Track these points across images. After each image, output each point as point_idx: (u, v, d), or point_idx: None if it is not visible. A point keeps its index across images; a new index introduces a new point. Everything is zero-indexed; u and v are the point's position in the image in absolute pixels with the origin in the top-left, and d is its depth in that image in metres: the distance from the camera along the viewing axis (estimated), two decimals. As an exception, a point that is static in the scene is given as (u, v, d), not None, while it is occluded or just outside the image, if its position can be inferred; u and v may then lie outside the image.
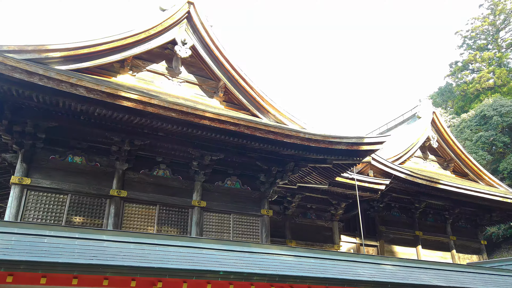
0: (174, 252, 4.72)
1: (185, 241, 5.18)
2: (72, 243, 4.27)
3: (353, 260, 6.20)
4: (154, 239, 4.98)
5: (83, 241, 4.36)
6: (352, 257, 6.47)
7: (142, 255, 4.38)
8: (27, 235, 4.11)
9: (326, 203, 14.40)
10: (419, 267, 6.72)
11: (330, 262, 5.78)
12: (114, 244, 4.53)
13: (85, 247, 4.21)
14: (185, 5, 10.81)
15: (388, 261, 6.66)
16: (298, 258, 5.53)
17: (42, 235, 4.23)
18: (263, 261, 5.10)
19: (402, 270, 6.27)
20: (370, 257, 6.58)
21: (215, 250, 5.07)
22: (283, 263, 5.22)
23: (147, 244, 4.78)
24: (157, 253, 4.59)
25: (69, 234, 4.43)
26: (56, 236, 4.28)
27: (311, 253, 5.88)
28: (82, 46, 9.09)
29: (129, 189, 9.54)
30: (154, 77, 10.63)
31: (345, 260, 6.07)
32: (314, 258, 5.72)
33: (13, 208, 8.27)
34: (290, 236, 13.64)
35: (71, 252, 3.99)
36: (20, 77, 7.18)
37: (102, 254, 4.13)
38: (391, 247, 15.62)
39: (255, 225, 10.84)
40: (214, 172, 10.53)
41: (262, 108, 11.19)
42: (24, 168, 8.64)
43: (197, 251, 4.92)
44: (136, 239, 4.81)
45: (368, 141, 10.63)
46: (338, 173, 11.66)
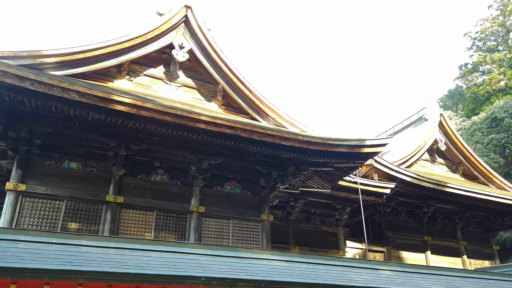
0: (155, 257, 4.55)
1: (167, 245, 5.01)
2: (48, 248, 4.14)
3: (348, 265, 5.95)
4: (134, 243, 4.82)
5: (60, 246, 4.23)
6: (348, 262, 6.22)
7: (120, 260, 4.23)
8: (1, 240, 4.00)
9: (331, 208, 14.11)
10: (419, 272, 6.43)
11: (323, 267, 5.54)
12: (92, 249, 4.38)
13: (61, 253, 4.07)
14: (183, 9, 10.76)
15: (386, 266, 6.39)
16: (289, 264, 5.31)
17: (17, 240, 4.11)
18: (250, 266, 4.90)
19: (400, 275, 5.99)
20: (367, 262, 6.32)
21: (198, 255, 4.88)
22: (272, 269, 5.00)
23: (127, 249, 4.63)
24: (137, 258, 4.43)
25: (46, 240, 4.30)
26: (32, 241, 4.16)
27: (302, 258, 5.65)
28: (77, 51, 9.06)
29: (126, 194, 9.43)
30: (151, 81, 10.57)
31: (340, 265, 5.83)
32: (306, 263, 5.49)
33: (7, 215, 8.21)
34: (293, 242, 13.37)
35: (45, 258, 3.85)
36: (11, 82, 7.14)
37: (78, 259, 3.99)
38: (399, 252, 15.21)
39: (255, 230, 10.62)
40: (213, 176, 10.37)
41: (262, 111, 11.03)
42: (20, 174, 8.59)
43: (179, 256, 4.75)
44: (116, 244, 4.67)
45: (370, 143, 10.37)
46: (340, 176, 11.40)
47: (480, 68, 35.14)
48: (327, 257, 6.08)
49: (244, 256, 5.23)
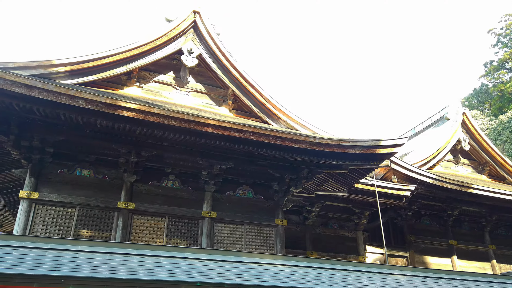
0: (151, 263, 4.45)
1: (163, 250, 4.89)
2: (42, 254, 4.11)
3: (357, 270, 5.67)
4: (131, 248, 4.73)
5: (54, 252, 4.19)
6: (356, 266, 5.93)
7: (115, 266, 4.14)
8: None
9: (349, 212, 13.74)
10: (434, 277, 6.06)
11: (330, 272, 5.29)
12: (87, 254, 4.32)
13: (54, 258, 4.03)
14: (191, 15, 10.78)
15: (399, 270, 6.06)
16: (293, 268, 5.10)
17: (11, 246, 4.10)
18: (250, 271, 4.71)
19: (413, 280, 5.66)
20: (378, 266, 6.02)
21: (195, 260, 4.75)
22: (273, 274, 4.80)
23: (123, 254, 4.54)
24: (133, 263, 4.34)
25: (41, 245, 4.27)
26: (26, 247, 4.13)
27: (307, 263, 5.41)
28: (86, 60, 9.19)
29: (137, 201, 9.43)
30: (161, 87, 10.60)
31: (348, 269, 5.55)
32: (311, 268, 5.26)
33: (21, 223, 8.33)
34: (311, 247, 13.06)
35: (37, 264, 3.81)
36: (20, 91, 7.26)
37: (71, 265, 3.93)
38: (423, 257, 14.62)
39: (269, 236, 10.42)
40: (224, 181, 10.26)
41: (273, 114, 10.88)
42: (33, 183, 8.72)
43: (175, 261, 4.62)
44: (113, 249, 4.60)
45: (385, 143, 10.02)
46: (356, 179, 11.06)
47: (506, 65, 33.85)
48: (334, 262, 5.83)
49: (245, 261, 5.06)
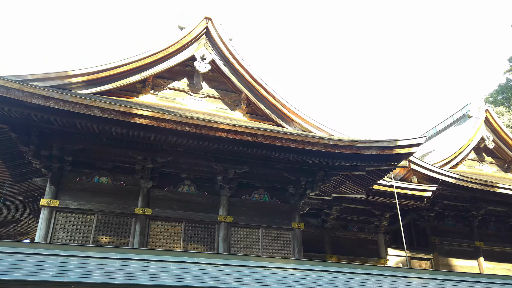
0: (160, 268, 4.48)
1: (174, 255, 4.92)
2: (54, 260, 4.20)
3: (372, 273, 5.54)
4: (141, 254, 4.78)
5: (66, 258, 4.27)
6: (372, 269, 5.80)
7: (125, 271, 4.19)
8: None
9: (369, 214, 13.51)
10: (454, 279, 5.85)
11: (344, 276, 5.20)
12: (98, 260, 4.39)
13: (66, 265, 4.11)
14: (203, 21, 10.90)
15: (416, 273, 5.89)
16: (306, 272, 5.03)
17: (25, 253, 4.22)
18: (261, 275, 4.69)
19: (432, 283, 5.48)
20: (394, 270, 5.87)
21: (205, 265, 4.75)
22: (285, 278, 4.75)
23: (134, 260, 4.59)
24: (143, 269, 4.38)
25: (54, 252, 4.37)
26: (40, 254, 4.24)
27: (320, 266, 5.33)
28: (101, 69, 9.40)
29: (154, 206, 9.54)
30: (175, 94, 10.73)
31: (363, 273, 5.43)
32: (324, 272, 5.18)
33: (42, 230, 8.56)
34: (330, 250, 12.89)
35: (48, 270, 3.90)
36: (37, 102, 7.50)
37: (81, 271, 4.00)
38: (448, 260, 14.20)
39: (286, 239, 10.34)
40: (240, 186, 10.27)
41: (287, 117, 10.84)
42: (53, 191, 8.96)
43: (185, 266, 4.64)
44: (123, 255, 4.65)
45: (402, 143, 9.83)
46: (373, 180, 10.87)
47: (533, 59, 32.55)
48: (348, 265, 5.72)
49: (256, 265, 5.04)
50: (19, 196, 11.61)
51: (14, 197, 11.71)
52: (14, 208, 12.00)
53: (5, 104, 7.47)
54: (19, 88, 7.37)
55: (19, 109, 7.57)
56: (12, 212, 11.61)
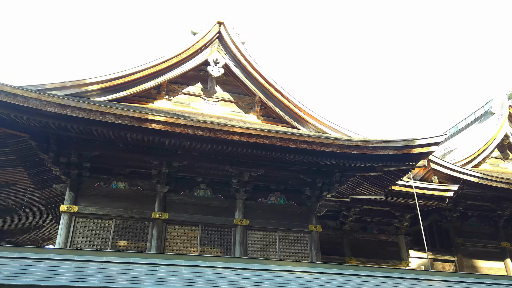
0: (172, 272, 4.49)
1: (186, 259, 4.92)
2: (68, 265, 4.27)
3: (389, 276, 5.40)
4: (153, 258, 4.81)
5: (80, 263, 4.34)
6: (389, 272, 5.65)
7: (137, 276, 4.21)
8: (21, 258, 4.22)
9: (388, 215, 13.25)
10: (477, 282, 5.64)
11: (359, 278, 5.09)
12: (111, 265, 4.44)
13: (79, 270, 4.17)
14: (215, 26, 10.96)
15: (435, 275, 5.70)
16: (319, 276, 4.95)
17: (40, 259, 4.31)
18: (273, 279, 4.64)
19: (452, 286, 5.30)
20: (412, 272, 5.71)
21: (217, 268, 4.73)
22: (297, 281, 4.68)
23: (146, 264, 4.62)
24: (155, 273, 4.40)
25: (68, 257, 4.45)
26: (54, 259, 4.32)
27: (335, 269, 5.23)
28: (116, 77, 9.57)
29: (170, 211, 9.62)
30: (190, 99, 10.82)
31: (378, 276, 5.30)
32: (338, 275, 5.08)
33: (62, 235, 8.74)
34: (349, 253, 12.71)
35: (62, 275, 3.97)
36: (55, 110, 7.68)
37: (94, 276, 4.05)
38: (472, 261, 13.78)
39: (303, 242, 10.25)
40: (255, 188, 10.24)
41: (301, 119, 10.77)
42: (72, 197, 9.15)
43: (196, 269, 4.63)
44: (136, 259, 4.69)
45: (420, 142, 9.61)
46: (392, 181, 10.66)
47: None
48: (364, 268, 5.60)
49: (269, 269, 4.98)
50: (41, 203, 11.91)
51: (36, 204, 12.02)
52: (37, 215, 12.31)
53: (24, 113, 7.68)
54: (37, 98, 7.56)
55: (38, 118, 7.77)
56: (35, 219, 11.90)
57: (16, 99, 7.48)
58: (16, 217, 12.46)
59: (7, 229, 13.71)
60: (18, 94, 7.49)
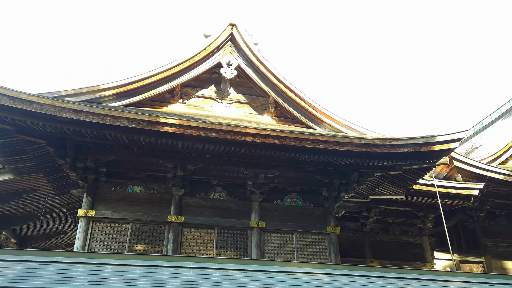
0: (179, 274, 4.41)
1: (194, 261, 4.83)
2: (75, 268, 4.27)
3: (408, 277, 5.16)
4: (161, 261, 4.75)
5: (87, 266, 4.33)
6: (407, 273, 5.39)
7: (143, 279, 4.16)
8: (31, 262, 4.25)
9: (411, 215, 12.86)
10: (502, 283, 5.31)
11: (373, 280, 4.87)
12: (118, 268, 4.41)
13: (86, 272, 4.15)
14: (228, 28, 10.93)
15: (457, 277, 5.40)
16: (332, 277, 4.76)
17: (48, 262, 4.32)
18: (285, 281, 4.48)
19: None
20: (433, 273, 5.44)
21: (225, 270, 4.61)
22: (309, 283, 4.51)
23: (154, 267, 4.56)
24: (162, 275, 4.33)
25: (75, 260, 4.45)
26: (62, 262, 4.33)
27: (348, 271, 5.02)
28: (130, 82, 9.65)
29: (186, 214, 9.59)
30: (204, 102, 10.81)
31: (397, 277, 5.06)
32: (351, 276, 4.88)
33: (80, 240, 8.84)
34: (371, 255, 12.39)
35: (68, 278, 3.96)
36: (69, 116, 7.79)
37: (101, 278, 4.02)
38: (502, 263, 13.19)
39: (321, 244, 10.03)
40: (271, 190, 10.11)
41: (316, 118, 10.58)
42: (89, 201, 9.25)
43: (204, 272, 4.53)
44: (144, 261, 4.63)
45: (440, 139, 9.26)
46: (412, 180, 10.33)
47: None
48: (378, 268, 5.37)
49: (279, 270, 4.85)
50: (62, 208, 12.13)
51: (58, 209, 12.24)
52: (59, 220, 12.54)
53: (40, 119, 7.82)
54: (51, 104, 7.69)
55: (53, 124, 7.89)
56: (55, 224, 12.12)
57: (31, 106, 7.62)
58: (39, 223, 12.74)
59: (31, 235, 14.04)
60: (33, 101, 7.63)
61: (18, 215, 12.43)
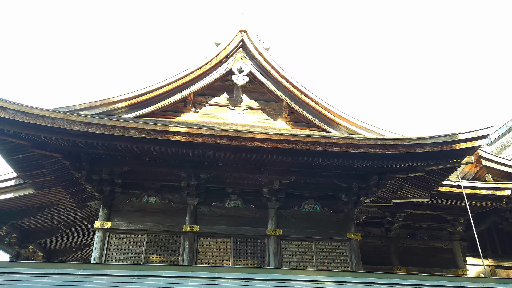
0: (177, 284, 4.24)
1: (192, 271, 4.65)
2: (71, 279, 4.19)
3: (422, 285, 4.75)
4: (159, 270, 4.60)
5: (83, 277, 4.25)
6: (421, 279, 4.98)
7: None
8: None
9: (439, 219, 12.23)
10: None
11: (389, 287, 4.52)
12: (115, 278, 4.30)
13: (82, 284, 4.07)
14: (238, 35, 10.88)
15: (497, 283, 4.90)
16: (365, 286, 4.40)
17: (44, 274, 4.27)
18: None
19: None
20: (469, 280, 4.97)
21: (224, 280, 4.40)
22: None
23: (150, 277, 4.41)
24: (159, 285, 4.18)
25: (72, 271, 4.38)
26: (58, 274, 4.27)
27: (356, 278, 4.66)
28: (142, 93, 9.72)
29: (201, 223, 9.48)
30: (216, 110, 10.76)
31: (426, 285, 4.61)
32: (360, 284, 4.54)
33: (97, 252, 8.88)
34: (397, 262, 11.83)
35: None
36: (80, 128, 7.89)
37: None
38: (543, 268, 12.30)
39: (342, 251, 9.64)
40: (288, 197, 9.85)
41: (331, 121, 10.29)
42: (105, 213, 9.31)
43: (203, 281, 4.35)
44: (141, 272, 4.50)
45: (464, 137, 8.77)
46: (436, 181, 9.82)
47: None
48: (390, 275, 4.99)
49: (284, 279, 4.59)
50: (84, 221, 12.32)
51: (80, 222, 12.45)
52: (82, 233, 12.75)
53: (53, 133, 7.96)
54: (63, 118, 7.82)
55: (65, 137, 8.02)
56: (77, 236, 12.31)
57: (44, 120, 7.78)
58: (63, 236, 12.98)
59: (58, 248, 14.34)
60: (46, 116, 7.79)
61: (43, 229, 12.73)
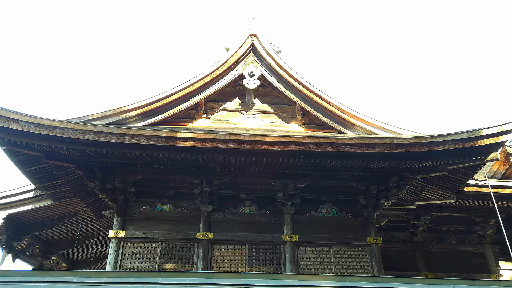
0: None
1: (191, 277, 4.47)
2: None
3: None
4: (156, 277, 4.44)
5: (78, 285, 4.15)
6: (439, 284, 4.57)
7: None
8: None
9: (468, 222, 11.57)
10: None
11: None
12: (111, 286, 4.17)
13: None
14: (248, 39, 10.79)
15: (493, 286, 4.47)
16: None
17: (38, 282, 4.21)
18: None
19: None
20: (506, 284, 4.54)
21: (223, 286, 4.18)
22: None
23: (147, 284, 4.27)
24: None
25: (67, 279, 4.29)
26: (53, 282, 4.19)
27: (365, 283, 4.34)
28: (153, 101, 9.73)
29: (215, 230, 9.32)
30: (228, 115, 10.64)
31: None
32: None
33: (111, 261, 8.86)
34: (424, 267, 11.24)
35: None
36: (89, 138, 7.93)
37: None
38: None
39: (362, 257, 9.23)
40: (303, 201, 9.56)
41: (346, 122, 9.97)
42: (119, 222, 9.31)
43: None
44: (137, 279, 4.35)
45: (487, 132, 8.25)
46: (460, 181, 9.27)
47: None
48: (402, 279, 4.62)
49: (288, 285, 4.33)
50: (104, 231, 12.40)
51: (100, 232, 12.55)
52: (103, 243, 12.83)
53: (64, 143, 8.03)
54: (73, 128, 7.89)
55: (76, 147, 8.08)
56: (97, 247, 12.40)
57: (55, 131, 7.86)
58: (84, 247, 13.13)
59: (81, 259, 14.52)
60: (56, 126, 7.87)
61: (64, 240, 12.91)
